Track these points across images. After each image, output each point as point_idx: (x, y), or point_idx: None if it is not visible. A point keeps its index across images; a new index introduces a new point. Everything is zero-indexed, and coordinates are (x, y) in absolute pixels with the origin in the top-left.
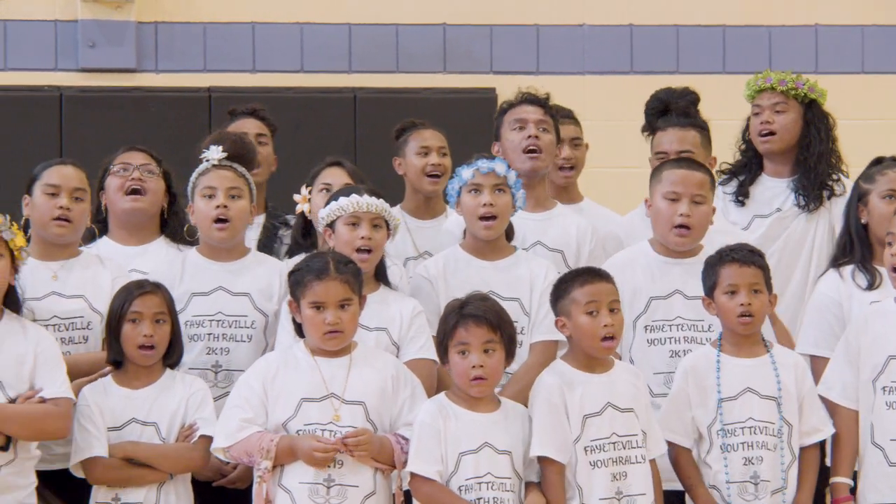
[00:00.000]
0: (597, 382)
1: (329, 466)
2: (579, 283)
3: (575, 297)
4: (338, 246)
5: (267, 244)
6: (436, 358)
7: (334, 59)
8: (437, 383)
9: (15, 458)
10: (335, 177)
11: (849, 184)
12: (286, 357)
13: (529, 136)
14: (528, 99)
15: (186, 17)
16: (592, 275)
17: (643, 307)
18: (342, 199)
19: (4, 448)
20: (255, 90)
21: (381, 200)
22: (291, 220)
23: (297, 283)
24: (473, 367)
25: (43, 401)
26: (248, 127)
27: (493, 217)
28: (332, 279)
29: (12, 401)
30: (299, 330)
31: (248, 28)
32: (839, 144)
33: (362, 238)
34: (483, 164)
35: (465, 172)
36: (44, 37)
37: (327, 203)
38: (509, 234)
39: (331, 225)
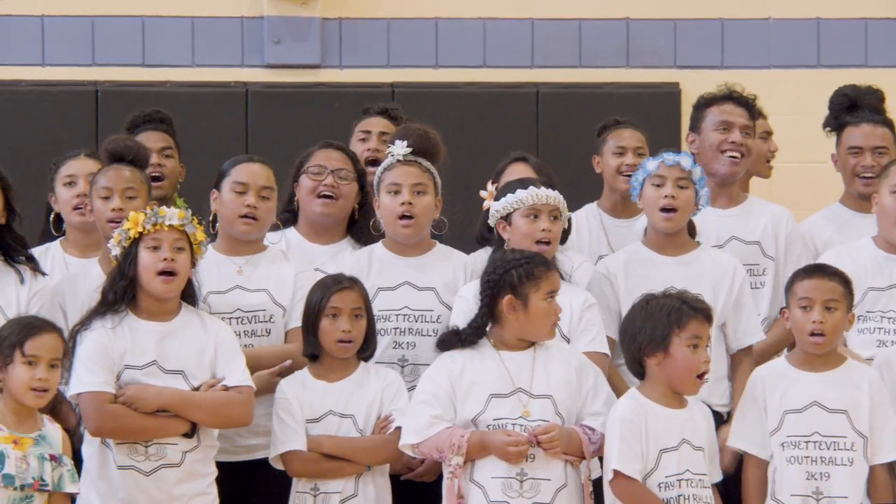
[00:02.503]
0: (805, 381)
1: (522, 460)
2: (801, 277)
3: (795, 291)
4: (515, 238)
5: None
6: (607, 351)
7: (517, 54)
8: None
9: (199, 446)
10: (521, 173)
11: None
12: (471, 352)
13: (734, 142)
14: (736, 99)
15: (370, 14)
16: (814, 271)
17: (859, 297)
18: (520, 192)
19: (189, 435)
20: (437, 85)
21: (557, 192)
22: None
23: (527, 275)
24: (705, 361)
25: (226, 389)
26: (376, 125)
27: (674, 209)
28: (553, 269)
29: (195, 389)
30: (482, 326)
31: (431, 24)
32: None
33: (543, 230)
34: (669, 156)
35: (650, 164)
36: (230, 33)
37: (500, 196)
38: (691, 230)
39: (505, 218)
